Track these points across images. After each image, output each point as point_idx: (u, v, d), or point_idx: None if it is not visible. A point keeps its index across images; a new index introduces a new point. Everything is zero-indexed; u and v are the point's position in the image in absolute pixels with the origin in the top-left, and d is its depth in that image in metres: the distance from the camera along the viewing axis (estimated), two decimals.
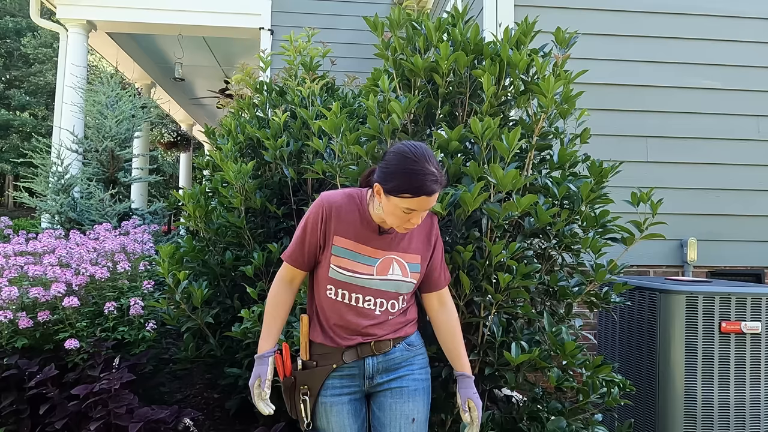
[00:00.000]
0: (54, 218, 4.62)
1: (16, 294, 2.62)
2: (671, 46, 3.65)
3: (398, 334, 1.64)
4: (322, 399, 1.60)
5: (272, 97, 3.27)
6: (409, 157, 1.42)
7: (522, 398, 2.12)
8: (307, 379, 1.61)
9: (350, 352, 1.60)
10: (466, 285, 1.89)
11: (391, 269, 1.58)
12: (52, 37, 21.80)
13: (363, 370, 1.62)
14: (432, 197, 1.43)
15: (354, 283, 1.56)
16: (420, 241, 1.63)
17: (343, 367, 1.61)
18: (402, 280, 1.59)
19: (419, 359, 1.69)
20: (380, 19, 2.27)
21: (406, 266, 1.59)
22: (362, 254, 1.57)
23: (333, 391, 1.61)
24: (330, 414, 1.60)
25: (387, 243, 1.59)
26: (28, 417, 2.60)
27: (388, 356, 1.63)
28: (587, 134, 2.26)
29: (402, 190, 1.41)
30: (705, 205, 3.60)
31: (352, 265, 1.56)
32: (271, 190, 3.01)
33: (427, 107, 2.22)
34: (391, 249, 1.59)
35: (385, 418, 1.62)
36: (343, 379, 1.62)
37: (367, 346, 1.61)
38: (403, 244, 1.60)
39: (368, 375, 1.62)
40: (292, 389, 1.62)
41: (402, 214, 1.46)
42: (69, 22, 5.84)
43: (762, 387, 2.49)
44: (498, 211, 1.85)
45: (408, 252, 1.61)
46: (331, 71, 3.51)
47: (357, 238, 1.57)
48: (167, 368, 3.12)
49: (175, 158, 17.35)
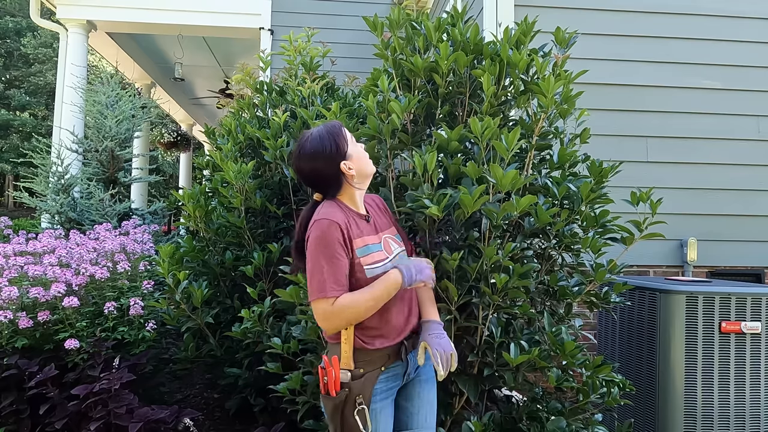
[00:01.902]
0: (54, 218, 4.62)
1: (16, 294, 2.62)
2: (671, 46, 3.65)
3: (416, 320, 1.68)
4: (373, 406, 1.53)
5: (272, 97, 3.27)
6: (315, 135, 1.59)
7: (522, 398, 2.12)
8: (362, 388, 1.51)
9: (399, 349, 1.60)
10: (453, 292, 1.89)
11: (391, 246, 1.64)
12: (52, 37, 21.79)
13: (406, 367, 1.63)
14: None
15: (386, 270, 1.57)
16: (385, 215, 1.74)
17: (390, 368, 1.58)
18: (402, 250, 1.67)
19: None
20: (380, 19, 2.27)
21: (395, 238, 1.69)
22: (374, 243, 1.61)
23: (382, 395, 1.56)
24: (379, 420, 1.54)
25: (375, 225, 1.66)
26: (28, 417, 2.60)
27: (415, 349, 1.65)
28: (587, 134, 2.26)
29: (337, 141, 1.58)
30: (705, 205, 3.60)
31: (375, 256, 1.58)
32: (271, 190, 3.01)
33: (426, 107, 2.22)
34: (379, 230, 1.65)
35: (413, 408, 1.63)
36: (389, 380, 1.59)
37: (410, 341, 1.63)
38: (379, 222, 1.68)
39: (409, 371, 1.64)
40: (345, 403, 1.50)
41: (364, 152, 1.65)
42: (69, 22, 5.84)
43: (762, 387, 2.49)
44: (496, 211, 1.85)
45: (390, 227, 1.70)
46: (331, 71, 3.51)
47: (362, 234, 1.60)
48: (167, 368, 3.12)
49: (175, 158, 17.35)
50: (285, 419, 2.64)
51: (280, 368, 2.36)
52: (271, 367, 2.36)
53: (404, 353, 1.61)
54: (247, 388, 2.84)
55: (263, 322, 2.45)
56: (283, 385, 2.22)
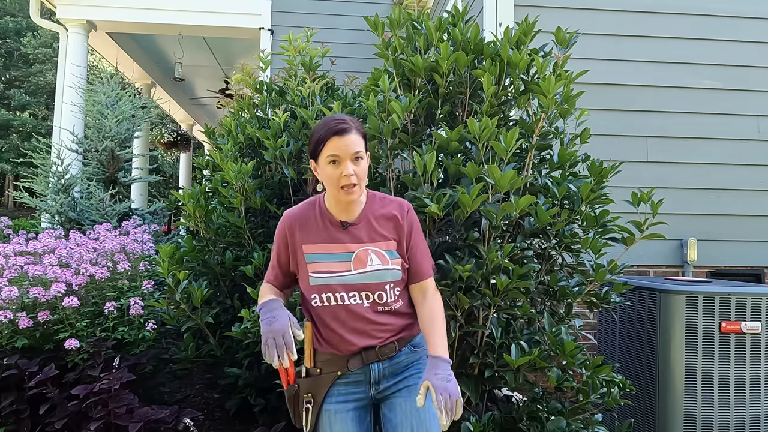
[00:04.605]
0: (54, 218, 4.62)
1: (16, 294, 2.62)
2: (671, 46, 3.65)
3: (401, 335, 1.60)
4: (326, 406, 1.57)
5: (272, 97, 3.27)
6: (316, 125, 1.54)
7: (522, 398, 2.12)
8: (311, 387, 1.58)
9: (355, 358, 1.56)
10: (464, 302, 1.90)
11: (369, 261, 1.55)
12: (52, 37, 21.79)
13: (369, 376, 1.59)
14: (345, 137, 1.46)
15: (333, 282, 1.54)
16: (387, 227, 1.59)
17: (349, 373, 1.57)
18: (384, 269, 1.55)
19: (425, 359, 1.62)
20: (380, 19, 2.27)
21: (384, 254, 1.56)
22: (334, 253, 1.56)
23: (338, 398, 1.57)
24: (333, 422, 1.56)
25: (354, 235, 1.57)
26: (28, 417, 2.60)
27: (394, 360, 1.59)
28: (587, 134, 2.26)
29: (316, 143, 1.50)
30: (705, 205, 3.60)
31: (327, 266, 1.55)
32: (271, 190, 3.00)
33: (427, 107, 2.22)
34: (362, 240, 1.56)
35: (396, 419, 1.57)
36: (349, 386, 1.59)
37: (372, 351, 1.56)
38: (371, 233, 1.57)
39: (374, 380, 1.59)
40: (295, 398, 1.59)
41: (333, 172, 1.48)
42: (69, 22, 5.84)
43: (762, 387, 2.49)
44: (496, 211, 1.84)
45: (379, 240, 1.57)
46: (331, 71, 3.51)
47: (324, 239, 1.57)
48: (167, 368, 3.12)
49: (175, 158, 17.36)
50: (285, 419, 2.64)
51: None
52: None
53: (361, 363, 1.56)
54: (247, 388, 2.84)
55: None
56: None
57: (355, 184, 1.49)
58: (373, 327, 1.57)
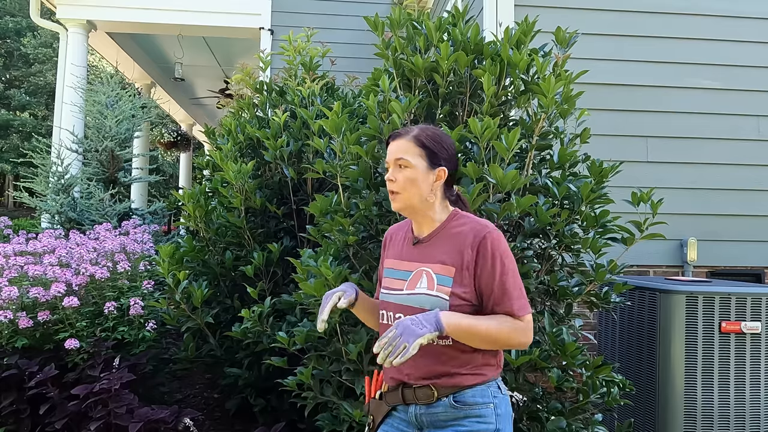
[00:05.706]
0: (54, 218, 4.62)
1: (16, 294, 2.62)
2: (671, 46, 3.65)
3: (442, 382, 1.37)
4: (380, 429, 1.50)
5: (272, 97, 3.28)
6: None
7: (522, 398, 2.12)
8: (373, 409, 1.53)
9: (393, 393, 1.45)
10: None
11: (419, 283, 1.40)
12: (52, 37, 21.79)
13: (409, 417, 1.43)
14: (393, 142, 1.44)
15: (389, 300, 1.45)
16: (452, 250, 1.39)
17: (400, 408, 1.46)
18: (425, 294, 1.37)
19: (473, 425, 1.36)
20: (381, 19, 2.28)
21: (434, 278, 1.38)
22: (400, 270, 1.47)
23: (388, 427, 1.48)
24: None
25: (419, 253, 1.45)
26: (28, 417, 2.60)
27: (431, 409, 1.38)
28: (587, 134, 2.26)
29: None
30: (705, 205, 3.60)
31: (391, 282, 1.48)
32: (271, 190, 3.01)
33: (427, 107, 2.22)
34: (423, 260, 1.43)
35: None
36: (402, 422, 1.46)
37: (410, 390, 1.40)
38: (435, 253, 1.42)
39: (416, 425, 1.43)
40: (368, 413, 1.56)
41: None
42: (69, 22, 5.84)
43: (762, 387, 2.49)
44: (496, 211, 1.85)
45: (436, 261, 1.40)
46: (331, 71, 3.51)
47: (397, 254, 1.51)
48: (167, 368, 3.12)
49: (175, 158, 17.36)
50: (285, 419, 2.64)
51: (285, 362, 2.35)
52: (276, 361, 2.34)
53: (399, 400, 1.43)
54: (247, 388, 2.84)
55: (263, 322, 2.45)
56: (292, 380, 2.22)
57: (396, 192, 1.40)
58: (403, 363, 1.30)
